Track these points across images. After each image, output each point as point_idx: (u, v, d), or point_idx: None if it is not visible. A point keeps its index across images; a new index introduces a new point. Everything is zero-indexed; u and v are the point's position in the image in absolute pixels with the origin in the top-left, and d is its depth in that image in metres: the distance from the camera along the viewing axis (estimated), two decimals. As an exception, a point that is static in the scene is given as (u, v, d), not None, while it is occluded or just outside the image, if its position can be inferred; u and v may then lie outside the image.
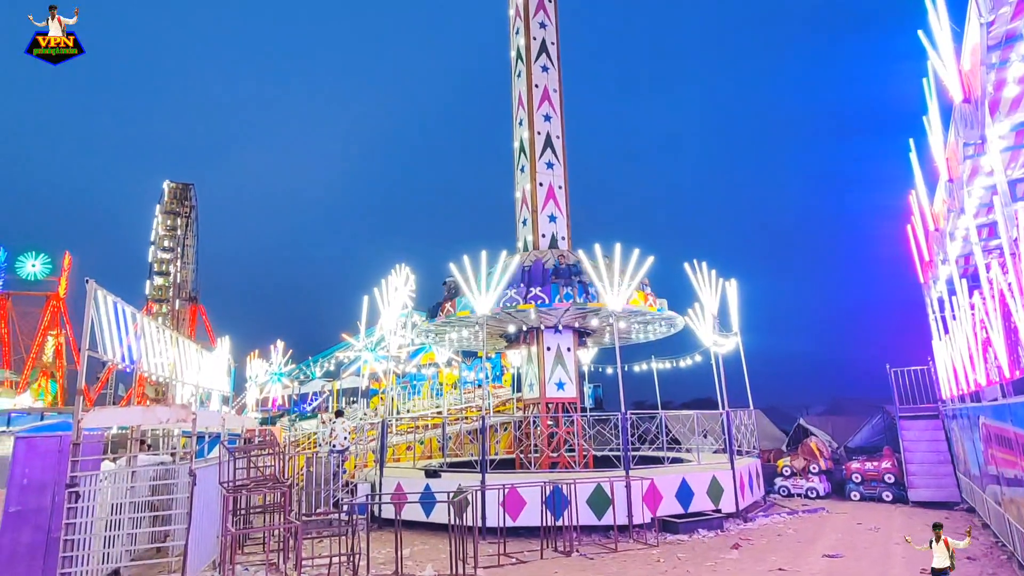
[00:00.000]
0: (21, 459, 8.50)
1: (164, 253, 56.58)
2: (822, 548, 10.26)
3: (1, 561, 8.18)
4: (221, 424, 11.34)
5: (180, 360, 12.51)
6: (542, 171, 16.97)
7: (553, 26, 18.20)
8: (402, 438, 20.01)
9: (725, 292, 16.11)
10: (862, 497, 15.48)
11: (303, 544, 8.93)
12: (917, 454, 14.99)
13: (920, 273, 17.02)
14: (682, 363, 20.84)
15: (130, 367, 10.03)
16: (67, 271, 52.63)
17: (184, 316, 56.07)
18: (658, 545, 10.70)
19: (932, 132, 10.76)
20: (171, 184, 58.26)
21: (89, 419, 8.38)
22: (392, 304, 16.66)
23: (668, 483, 12.30)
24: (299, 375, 34.82)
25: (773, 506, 14.83)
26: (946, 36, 7.88)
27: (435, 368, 27.32)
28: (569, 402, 15.52)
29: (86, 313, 8.23)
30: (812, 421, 19.10)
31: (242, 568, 9.19)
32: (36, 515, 8.44)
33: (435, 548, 10.82)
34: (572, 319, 15.63)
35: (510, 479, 12.14)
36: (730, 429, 13.90)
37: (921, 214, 14.62)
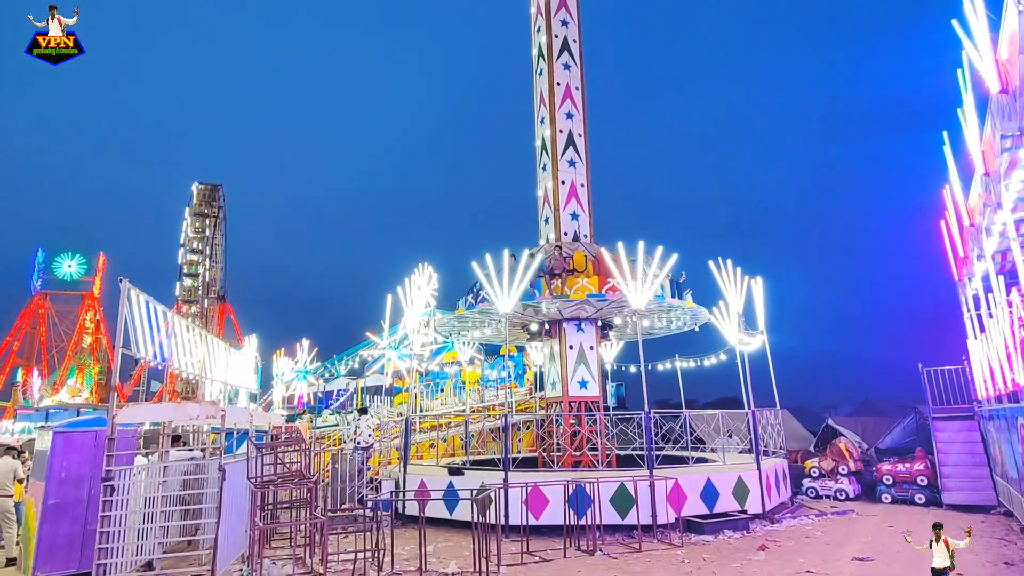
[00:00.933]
0: (59, 453, 8.78)
1: (193, 255, 57.77)
2: (852, 551, 10.04)
3: (41, 551, 8.46)
4: (249, 421, 11.54)
5: (209, 357, 12.77)
6: (564, 169, 16.91)
7: (575, 23, 18.11)
8: (425, 436, 20.15)
9: (751, 290, 15.87)
10: (893, 499, 15.12)
11: (328, 539, 9.06)
12: (951, 456, 14.58)
13: (954, 270, 16.53)
14: (706, 362, 20.60)
15: (162, 364, 10.26)
16: (101, 271, 54.14)
17: (212, 315, 57.24)
18: (683, 545, 10.60)
19: (967, 125, 10.43)
20: (200, 185, 59.44)
21: (123, 415, 8.61)
22: (415, 303, 16.79)
23: (693, 483, 12.17)
24: (324, 373, 35.29)
25: (801, 508, 14.57)
26: (982, 25, 7.62)
27: (458, 366, 27.43)
28: (592, 401, 15.46)
29: (120, 312, 8.43)
30: (841, 421, 18.72)
31: (270, 562, 9.35)
32: (74, 507, 8.71)
33: (458, 545, 10.87)
34: (594, 312, 15.52)
35: (533, 477, 12.14)
36: (756, 429, 13.70)
37: (955, 209, 14.20)
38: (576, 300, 14.41)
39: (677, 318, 17.24)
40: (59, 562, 8.53)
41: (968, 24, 7.95)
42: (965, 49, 8.13)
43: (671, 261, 14.15)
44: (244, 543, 9.58)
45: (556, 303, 14.61)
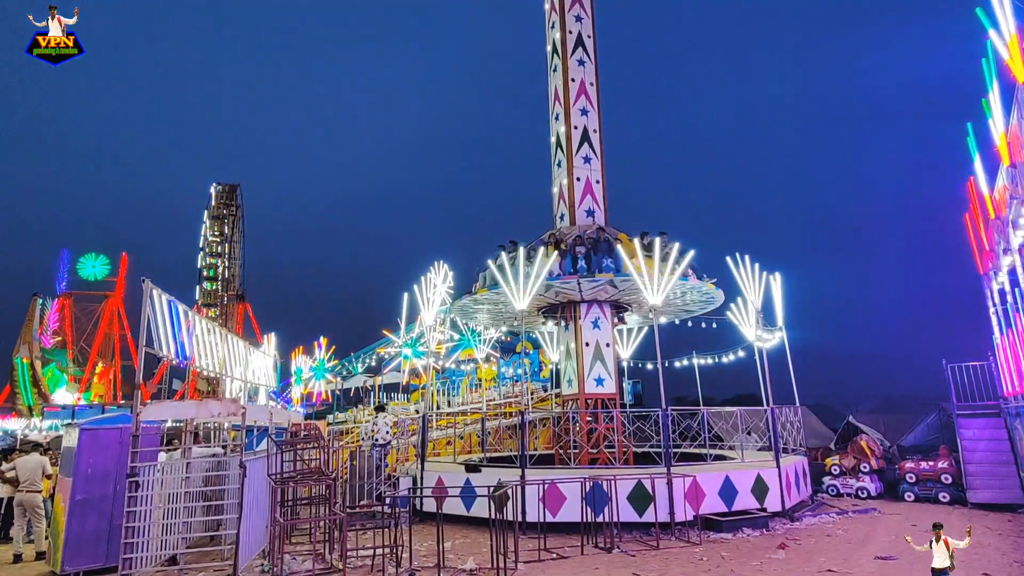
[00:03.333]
0: (86, 450, 8.96)
1: (212, 258, 58.47)
2: (874, 550, 9.90)
3: (69, 546, 8.65)
4: (268, 418, 11.69)
5: (229, 356, 12.95)
6: (579, 166, 16.85)
7: (589, 19, 18.01)
8: (442, 432, 20.25)
9: (769, 286, 15.69)
10: (917, 498, 14.88)
11: (347, 535, 9.14)
12: (977, 453, 14.29)
13: (979, 264, 16.21)
14: (724, 359, 20.44)
15: (183, 363, 10.43)
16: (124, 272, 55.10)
17: (232, 313, 57.97)
18: (701, 543, 10.53)
19: (992, 116, 10.21)
20: (218, 186, 60.13)
21: (147, 412, 8.78)
22: (431, 301, 16.86)
23: (711, 481, 12.08)
24: (342, 371, 35.61)
25: (822, 506, 14.40)
26: (1008, 13, 7.45)
27: (474, 364, 27.53)
28: (608, 398, 15.40)
29: (143, 311, 8.58)
30: (862, 419, 18.43)
31: (290, 558, 9.47)
32: (100, 503, 8.89)
33: (476, 542, 10.91)
34: (616, 292, 15.40)
35: (550, 474, 12.13)
36: (775, 426, 13.55)
37: (980, 202, 13.91)
38: (602, 279, 14.27)
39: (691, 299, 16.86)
40: (86, 556, 8.71)
41: (994, 12, 7.78)
42: (990, 38, 7.96)
43: (688, 257, 14.02)
44: (265, 539, 9.71)
45: (582, 282, 14.46)
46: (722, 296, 16.17)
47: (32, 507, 10.57)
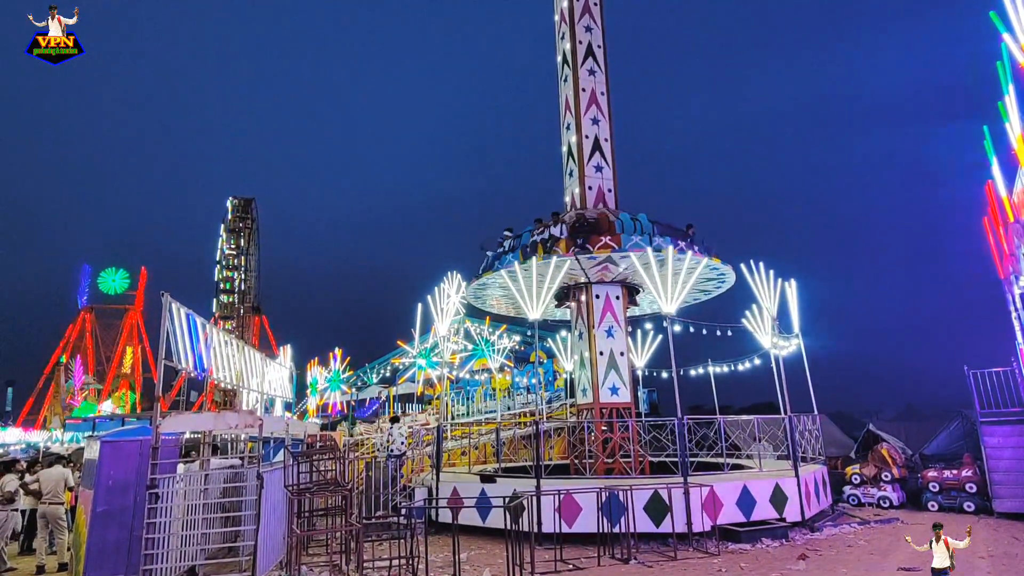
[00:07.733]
0: (107, 462, 9.08)
1: (229, 271, 59.25)
2: (897, 560, 9.71)
3: (91, 557, 8.75)
4: (285, 429, 11.77)
5: (246, 368, 13.08)
6: (591, 175, 16.89)
7: (599, 29, 18.11)
8: (457, 443, 20.23)
9: (785, 293, 15.56)
10: (941, 507, 14.57)
11: (364, 546, 9.17)
12: (1002, 461, 13.98)
13: (999, 268, 15.94)
14: (740, 367, 20.22)
15: (201, 375, 10.56)
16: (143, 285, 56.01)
17: (248, 325, 58.62)
18: (719, 554, 10.40)
19: (1009, 119, 10.09)
20: (234, 200, 61.02)
21: (166, 424, 8.88)
22: (445, 311, 16.93)
23: (728, 490, 11.94)
24: (357, 381, 35.78)
25: (842, 516, 14.16)
26: (1022, 16, 7.39)
27: (488, 374, 27.53)
28: (623, 407, 15.32)
29: (162, 324, 8.72)
30: (883, 427, 18.11)
31: (307, 569, 9.51)
32: (120, 514, 8.98)
33: (491, 553, 10.88)
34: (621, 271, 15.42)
35: (565, 485, 12.08)
36: (793, 434, 13.38)
37: (999, 205, 13.70)
38: (600, 256, 14.29)
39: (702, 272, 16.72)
40: (108, 567, 8.79)
41: (1008, 15, 7.72)
42: (1005, 40, 7.89)
43: (700, 265, 13.96)
44: (282, 550, 9.76)
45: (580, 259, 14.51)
46: (733, 276, 16.08)
47: (55, 519, 10.73)
